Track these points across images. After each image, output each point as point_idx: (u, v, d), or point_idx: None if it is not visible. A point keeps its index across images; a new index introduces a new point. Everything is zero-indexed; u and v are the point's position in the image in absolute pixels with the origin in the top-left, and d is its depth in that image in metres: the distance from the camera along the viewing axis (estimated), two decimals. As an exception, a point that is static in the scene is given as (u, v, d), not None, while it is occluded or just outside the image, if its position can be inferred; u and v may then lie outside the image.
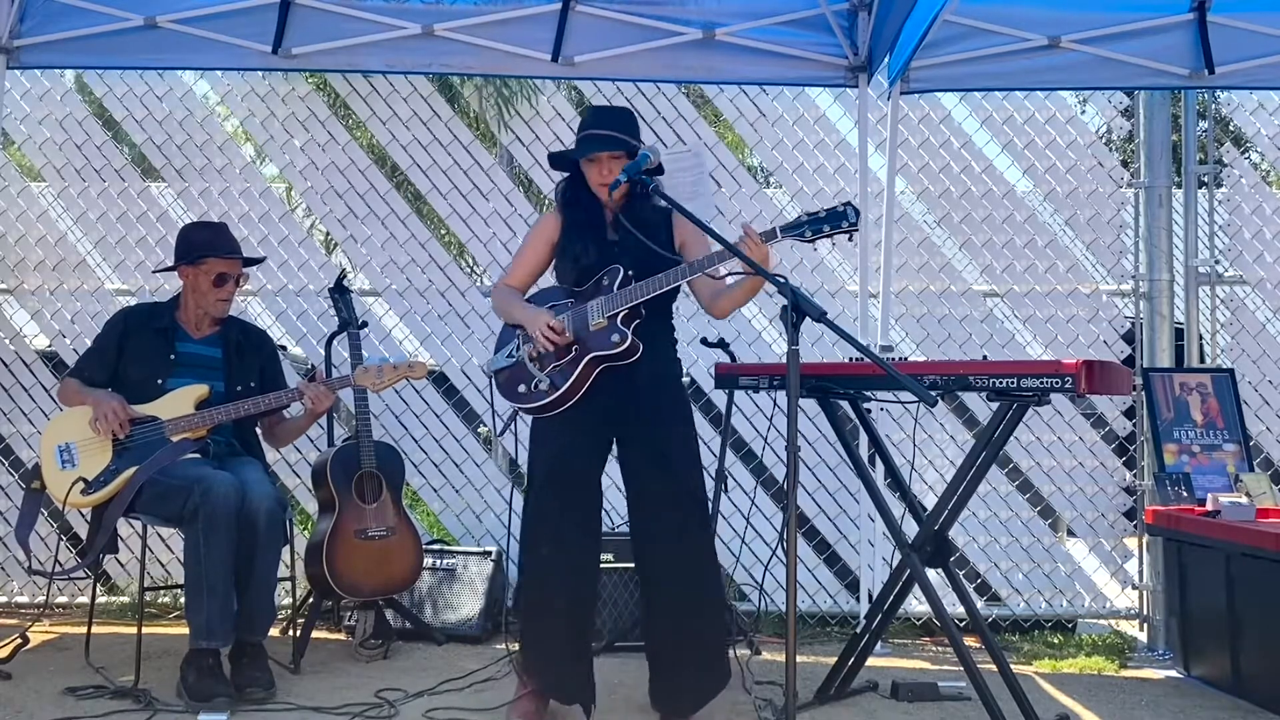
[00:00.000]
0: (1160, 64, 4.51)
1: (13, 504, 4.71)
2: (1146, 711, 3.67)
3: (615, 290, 3.11)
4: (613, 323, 3.09)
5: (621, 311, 3.09)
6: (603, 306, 3.11)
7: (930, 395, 2.67)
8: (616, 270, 3.14)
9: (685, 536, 3.12)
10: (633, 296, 3.08)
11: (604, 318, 3.09)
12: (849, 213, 2.89)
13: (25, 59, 4.56)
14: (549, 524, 3.14)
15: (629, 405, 3.14)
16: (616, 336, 3.07)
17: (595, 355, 3.08)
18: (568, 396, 3.10)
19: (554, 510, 3.14)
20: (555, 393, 3.09)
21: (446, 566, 4.51)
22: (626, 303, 3.08)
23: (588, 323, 3.11)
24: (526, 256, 3.35)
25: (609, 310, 3.09)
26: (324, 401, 3.71)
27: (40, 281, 4.97)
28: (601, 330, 3.09)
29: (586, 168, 3.21)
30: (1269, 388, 4.94)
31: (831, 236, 2.93)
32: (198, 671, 3.33)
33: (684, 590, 3.12)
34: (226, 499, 3.35)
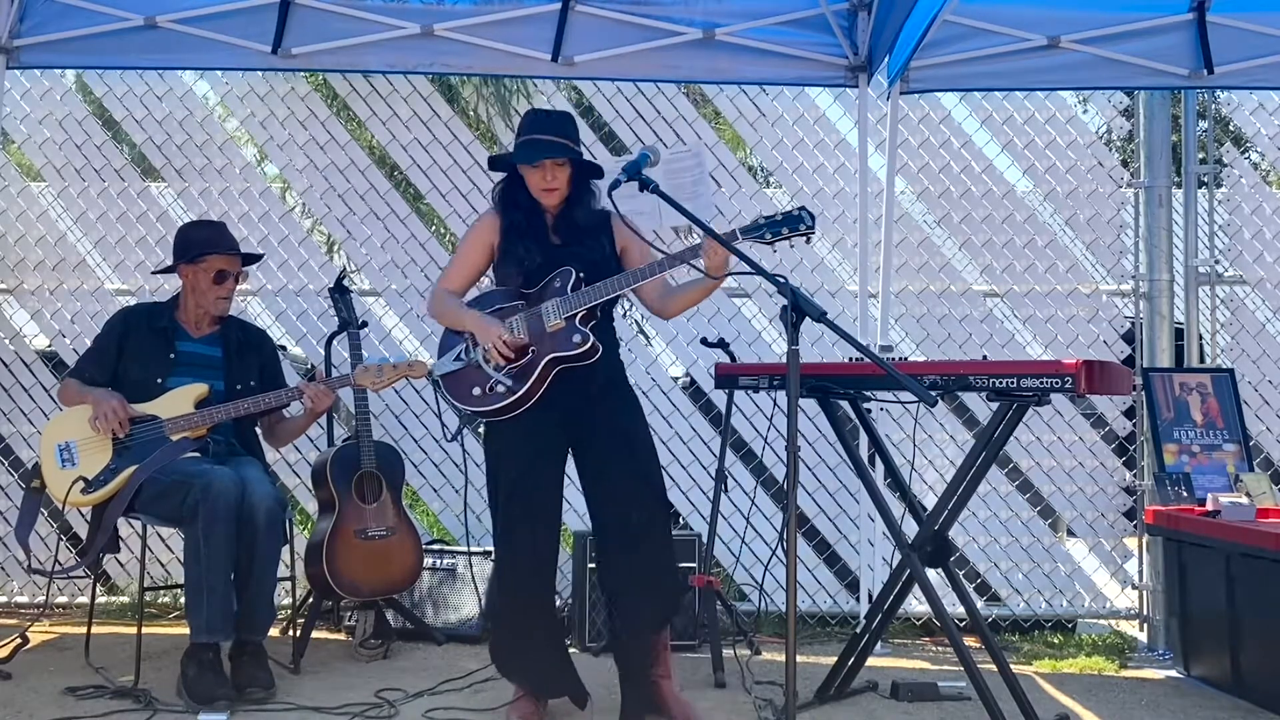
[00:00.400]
0: (1160, 64, 4.51)
1: (12, 504, 4.71)
2: (1146, 711, 3.67)
3: (569, 292, 3.13)
4: (571, 323, 3.10)
5: (580, 312, 3.11)
6: (559, 308, 3.11)
7: (930, 395, 2.66)
8: (569, 272, 3.15)
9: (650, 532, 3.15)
10: (592, 297, 3.10)
11: (562, 319, 3.10)
12: (805, 216, 2.92)
13: (25, 59, 4.56)
14: (520, 533, 3.16)
15: (587, 406, 3.17)
16: (578, 337, 3.09)
17: (555, 356, 3.10)
18: (526, 398, 3.11)
19: (522, 519, 3.16)
20: (513, 395, 3.09)
21: (446, 566, 4.51)
22: (585, 303, 3.10)
23: (544, 324, 3.12)
24: (466, 260, 3.34)
25: (566, 311, 3.10)
26: (324, 401, 3.72)
27: (40, 281, 4.97)
28: (560, 331, 3.10)
29: (528, 172, 3.20)
30: (1269, 388, 4.94)
31: (789, 239, 2.95)
32: (198, 666, 3.33)
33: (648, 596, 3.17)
34: (226, 495, 3.36)
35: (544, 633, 3.26)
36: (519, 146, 3.22)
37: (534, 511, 3.17)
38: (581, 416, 3.18)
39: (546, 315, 3.13)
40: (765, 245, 3.02)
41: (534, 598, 3.22)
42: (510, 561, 3.20)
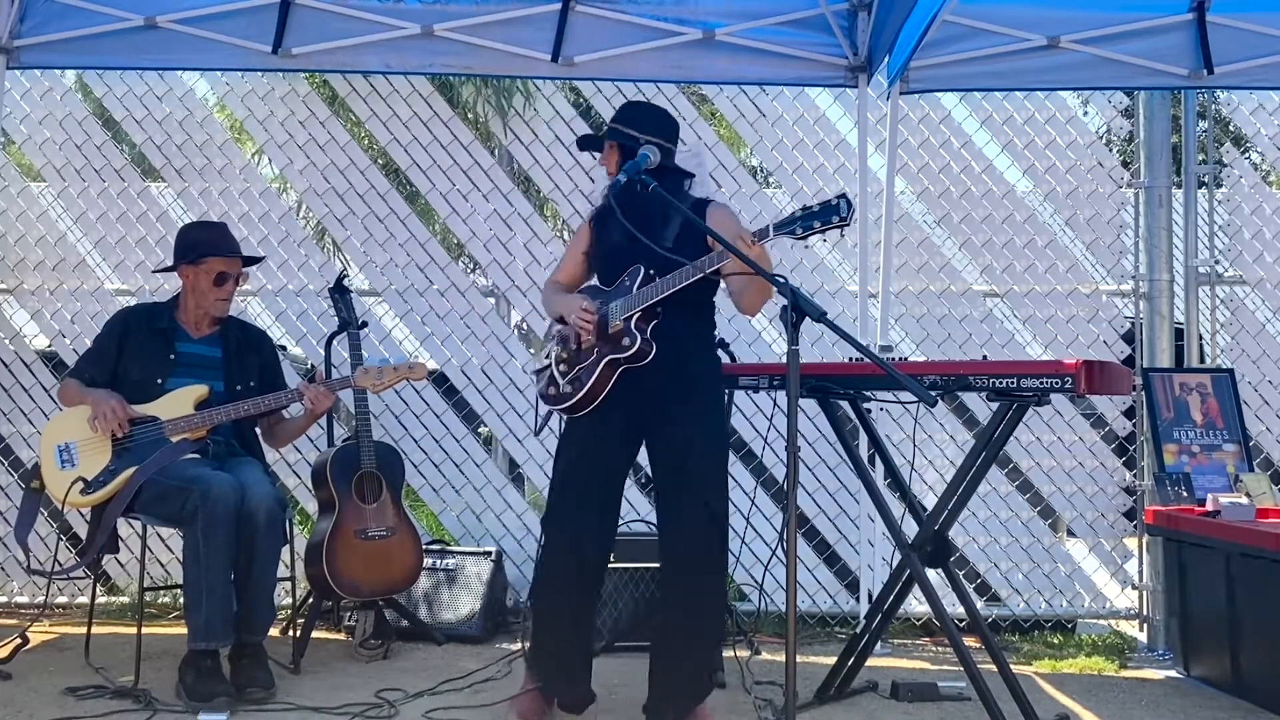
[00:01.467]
0: (1160, 64, 4.51)
1: (12, 504, 4.71)
2: (1146, 711, 3.67)
3: (634, 290, 3.12)
4: (627, 324, 3.09)
5: (636, 313, 3.09)
6: (620, 308, 3.12)
7: (930, 395, 2.66)
8: (637, 270, 3.13)
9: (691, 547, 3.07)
10: (646, 298, 3.08)
11: (620, 320, 3.11)
12: (841, 206, 2.76)
13: (25, 59, 4.56)
14: (563, 524, 3.15)
15: (650, 405, 3.12)
16: (627, 340, 3.08)
17: (610, 359, 3.10)
18: (589, 399, 3.12)
19: (569, 510, 3.15)
20: (577, 395, 3.13)
21: (446, 566, 4.51)
22: (640, 304, 3.08)
23: (608, 324, 3.13)
24: (568, 258, 3.44)
25: (624, 312, 3.10)
26: (323, 402, 3.72)
27: (40, 281, 4.97)
28: (617, 332, 3.11)
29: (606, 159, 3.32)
30: (1269, 388, 4.94)
31: (824, 232, 2.83)
32: (197, 672, 3.33)
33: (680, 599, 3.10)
34: (226, 499, 3.35)
35: (567, 630, 3.19)
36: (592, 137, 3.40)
37: (580, 506, 3.13)
38: (646, 415, 3.14)
39: (610, 314, 3.14)
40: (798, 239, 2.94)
41: (563, 590, 3.16)
42: (547, 549, 3.20)
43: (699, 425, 3.12)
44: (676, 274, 3.02)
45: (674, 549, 3.10)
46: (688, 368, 3.15)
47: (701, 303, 3.22)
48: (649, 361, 3.08)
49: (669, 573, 3.15)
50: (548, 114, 5.11)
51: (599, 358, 3.11)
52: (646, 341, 3.08)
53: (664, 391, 3.11)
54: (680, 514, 3.08)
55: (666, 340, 3.10)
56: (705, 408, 3.17)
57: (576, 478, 3.15)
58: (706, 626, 3.15)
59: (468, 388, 5.03)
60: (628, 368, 3.10)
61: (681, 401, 3.12)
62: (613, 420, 3.14)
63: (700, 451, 3.10)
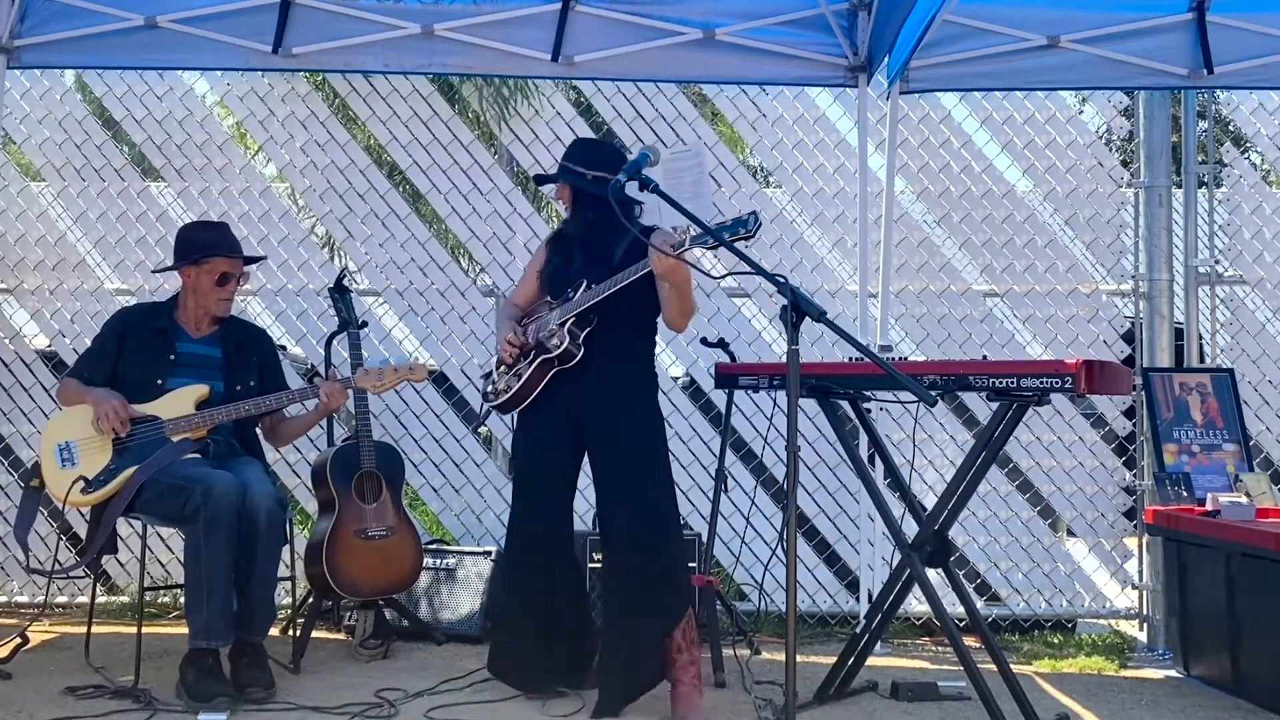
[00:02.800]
0: (1159, 64, 4.51)
1: (12, 504, 4.71)
2: (1146, 711, 3.67)
3: (574, 298, 3.35)
4: (560, 328, 3.33)
5: (570, 318, 3.32)
6: (558, 315, 3.36)
7: (930, 395, 2.66)
8: (581, 282, 3.36)
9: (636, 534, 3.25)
10: (581, 303, 3.30)
11: (555, 324, 3.35)
12: (749, 221, 2.93)
13: (25, 59, 4.56)
14: (516, 529, 3.44)
15: (586, 407, 3.34)
16: (556, 340, 3.32)
17: (543, 358, 3.34)
18: (521, 396, 3.38)
19: (519, 515, 3.43)
20: (509, 392, 3.39)
21: (446, 566, 4.51)
22: (574, 309, 3.31)
23: (544, 330, 3.38)
24: (525, 280, 3.66)
25: (561, 317, 3.34)
26: (339, 399, 3.75)
27: (40, 281, 4.97)
28: (551, 335, 3.35)
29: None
30: (1269, 388, 4.94)
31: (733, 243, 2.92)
32: (197, 671, 3.32)
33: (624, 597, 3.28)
34: (227, 499, 3.35)
35: (537, 629, 3.39)
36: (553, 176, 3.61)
37: (535, 506, 3.40)
38: (583, 417, 3.36)
39: (547, 322, 3.39)
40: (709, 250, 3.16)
41: (527, 593, 3.39)
42: (509, 552, 3.48)
43: (635, 421, 3.33)
44: (609, 280, 3.25)
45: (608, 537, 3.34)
46: (625, 373, 3.38)
47: (638, 316, 3.41)
48: (583, 364, 3.30)
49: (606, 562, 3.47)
50: (548, 114, 5.10)
51: (532, 359, 3.37)
52: (575, 344, 3.31)
53: (599, 394, 3.32)
54: (614, 502, 3.30)
55: (601, 347, 3.32)
56: (641, 407, 3.38)
57: (527, 479, 3.44)
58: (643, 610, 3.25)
59: (467, 388, 5.03)
60: (560, 369, 3.33)
61: (619, 402, 3.33)
62: (553, 423, 3.37)
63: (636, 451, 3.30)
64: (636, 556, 3.24)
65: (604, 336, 3.32)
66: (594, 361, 3.31)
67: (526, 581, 3.40)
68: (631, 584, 3.25)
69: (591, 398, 3.32)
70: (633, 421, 3.33)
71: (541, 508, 3.40)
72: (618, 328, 3.35)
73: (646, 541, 3.25)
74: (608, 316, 3.31)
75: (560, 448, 3.39)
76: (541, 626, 3.39)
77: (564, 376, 3.33)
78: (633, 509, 3.26)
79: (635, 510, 3.26)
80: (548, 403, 3.36)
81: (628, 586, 3.27)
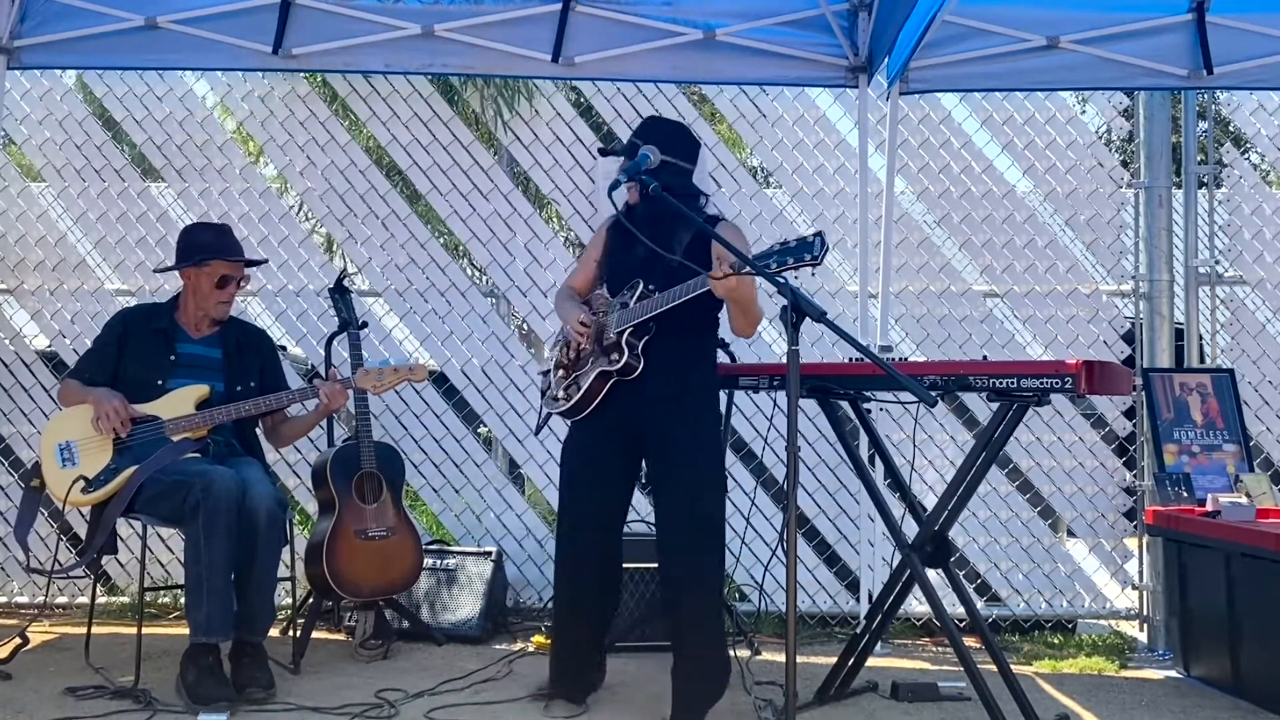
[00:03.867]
0: (1159, 64, 4.51)
1: (12, 504, 4.71)
2: (1146, 712, 3.67)
3: (631, 305, 3.22)
4: (619, 339, 3.20)
5: (628, 328, 3.18)
6: (616, 322, 3.23)
7: (930, 395, 2.67)
8: (636, 284, 3.23)
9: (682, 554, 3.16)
10: (639, 314, 3.17)
11: (614, 334, 3.21)
12: (815, 244, 2.79)
13: (26, 59, 4.56)
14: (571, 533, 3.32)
15: (644, 417, 3.22)
16: (616, 354, 3.20)
17: (601, 370, 3.22)
18: (581, 405, 3.26)
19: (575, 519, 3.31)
20: (570, 401, 3.27)
21: (446, 567, 4.51)
22: (631, 320, 3.18)
23: (604, 336, 3.25)
24: (584, 264, 3.53)
25: (618, 326, 3.21)
26: (339, 399, 3.74)
27: (40, 281, 4.97)
28: (610, 345, 3.22)
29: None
30: (1269, 388, 4.94)
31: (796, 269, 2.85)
32: (198, 670, 3.32)
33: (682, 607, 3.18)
34: (227, 494, 3.35)
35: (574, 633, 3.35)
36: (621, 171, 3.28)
37: (582, 515, 3.30)
38: (642, 428, 3.24)
39: (607, 328, 3.26)
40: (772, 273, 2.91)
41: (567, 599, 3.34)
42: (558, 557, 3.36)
43: (692, 433, 3.21)
44: (668, 292, 3.10)
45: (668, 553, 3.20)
46: (684, 382, 3.23)
47: (703, 319, 3.30)
48: (642, 375, 3.19)
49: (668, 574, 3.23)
50: (548, 114, 5.10)
51: (592, 368, 3.25)
52: (635, 357, 3.19)
53: (659, 404, 3.20)
54: (673, 518, 3.18)
55: (661, 356, 3.20)
56: (700, 418, 3.25)
57: (581, 487, 3.30)
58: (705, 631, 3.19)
59: (468, 388, 5.03)
60: (619, 380, 3.21)
61: (677, 413, 3.21)
62: (611, 431, 3.25)
63: (693, 459, 3.19)
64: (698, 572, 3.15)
65: (662, 344, 3.20)
66: (652, 371, 3.19)
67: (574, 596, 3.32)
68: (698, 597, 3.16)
69: (648, 407, 3.20)
70: (689, 435, 3.20)
71: (589, 519, 3.28)
72: (677, 333, 3.21)
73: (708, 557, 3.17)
74: (666, 321, 3.17)
75: (613, 459, 3.27)
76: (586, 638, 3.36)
77: (622, 386, 3.21)
78: (693, 527, 3.14)
79: (695, 528, 3.14)
80: (607, 413, 3.24)
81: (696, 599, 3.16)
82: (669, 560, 3.21)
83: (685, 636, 3.18)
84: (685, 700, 3.18)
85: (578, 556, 3.29)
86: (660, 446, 3.21)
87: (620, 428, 3.24)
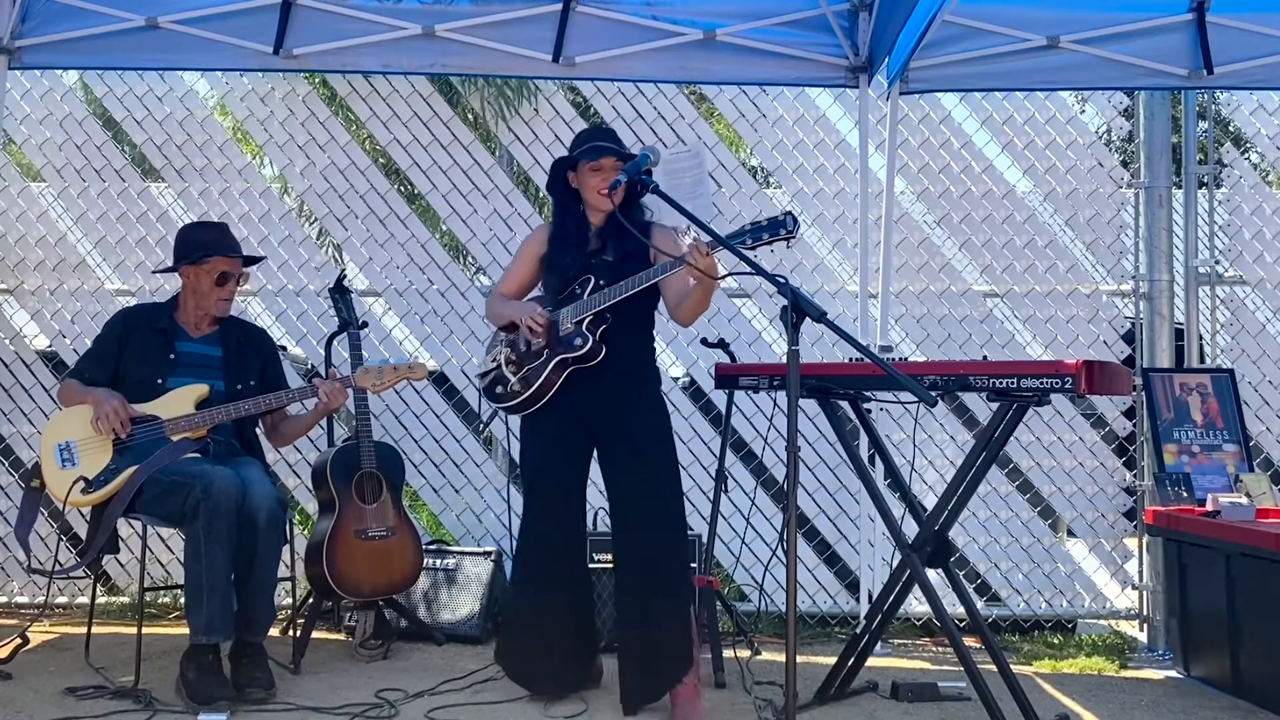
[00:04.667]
0: (1159, 64, 4.51)
1: (12, 504, 4.71)
2: (1146, 712, 3.67)
3: (585, 297, 3.30)
4: (578, 327, 3.29)
5: (587, 317, 3.28)
6: (572, 312, 3.31)
7: (930, 395, 2.67)
8: (588, 280, 3.33)
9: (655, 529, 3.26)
10: (598, 303, 3.26)
11: (571, 323, 3.30)
12: (788, 221, 2.96)
13: (26, 59, 4.56)
14: (531, 530, 3.42)
15: (600, 406, 3.32)
16: (579, 340, 3.28)
17: (561, 357, 3.29)
18: (537, 396, 3.33)
19: (535, 516, 3.41)
20: (526, 392, 3.33)
21: (446, 567, 4.51)
22: (592, 308, 3.27)
23: (559, 327, 3.32)
24: (516, 268, 3.57)
25: (576, 315, 3.29)
26: (338, 397, 3.74)
27: (40, 281, 4.97)
28: (568, 334, 3.30)
29: (588, 175, 3.38)
30: (1269, 388, 4.94)
31: (771, 244, 3.00)
32: (197, 670, 3.33)
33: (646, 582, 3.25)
34: (227, 494, 3.35)
35: (550, 629, 3.37)
36: (584, 150, 3.38)
37: (548, 507, 3.38)
38: (597, 416, 3.34)
39: (562, 319, 3.32)
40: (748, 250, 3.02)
41: (541, 595, 3.38)
42: (522, 553, 3.44)
43: (646, 423, 3.33)
44: (627, 281, 3.21)
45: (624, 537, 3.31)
46: (640, 372, 3.39)
47: (645, 313, 3.42)
48: (598, 364, 3.28)
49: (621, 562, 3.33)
50: (548, 114, 5.11)
51: (549, 357, 3.31)
52: (597, 343, 3.28)
53: (613, 393, 3.32)
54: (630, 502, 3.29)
55: (615, 345, 3.30)
56: (652, 407, 3.37)
57: (541, 480, 3.42)
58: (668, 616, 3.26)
59: (468, 388, 5.03)
60: (576, 368, 3.30)
61: (627, 401, 3.32)
62: (567, 419, 3.35)
63: (650, 447, 3.30)
64: (653, 556, 3.25)
65: (618, 334, 3.31)
66: (610, 360, 3.29)
67: (540, 583, 3.39)
68: (649, 584, 3.25)
69: (604, 395, 3.31)
70: (645, 420, 3.33)
71: (557, 509, 3.39)
72: (631, 324, 3.35)
73: (663, 541, 3.26)
74: (620, 312, 3.29)
75: (573, 448, 3.39)
76: (556, 627, 3.39)
77: (577, 375, 3.30)
78: (649, 509, 3.26)
79: (651, 510, 3.26)
80: (560, 403, 3.33)
81: (646, 586, 3.25)
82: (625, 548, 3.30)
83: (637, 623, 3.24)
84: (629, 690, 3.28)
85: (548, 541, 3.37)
86: (620, 433, 3.31)
87: (575, 416, 3.33)
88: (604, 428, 3.35)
